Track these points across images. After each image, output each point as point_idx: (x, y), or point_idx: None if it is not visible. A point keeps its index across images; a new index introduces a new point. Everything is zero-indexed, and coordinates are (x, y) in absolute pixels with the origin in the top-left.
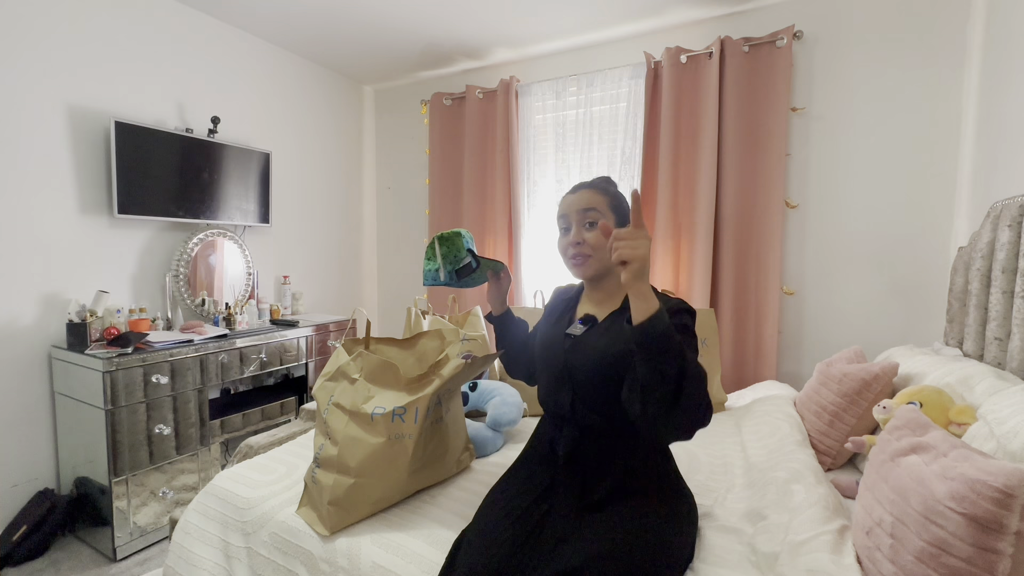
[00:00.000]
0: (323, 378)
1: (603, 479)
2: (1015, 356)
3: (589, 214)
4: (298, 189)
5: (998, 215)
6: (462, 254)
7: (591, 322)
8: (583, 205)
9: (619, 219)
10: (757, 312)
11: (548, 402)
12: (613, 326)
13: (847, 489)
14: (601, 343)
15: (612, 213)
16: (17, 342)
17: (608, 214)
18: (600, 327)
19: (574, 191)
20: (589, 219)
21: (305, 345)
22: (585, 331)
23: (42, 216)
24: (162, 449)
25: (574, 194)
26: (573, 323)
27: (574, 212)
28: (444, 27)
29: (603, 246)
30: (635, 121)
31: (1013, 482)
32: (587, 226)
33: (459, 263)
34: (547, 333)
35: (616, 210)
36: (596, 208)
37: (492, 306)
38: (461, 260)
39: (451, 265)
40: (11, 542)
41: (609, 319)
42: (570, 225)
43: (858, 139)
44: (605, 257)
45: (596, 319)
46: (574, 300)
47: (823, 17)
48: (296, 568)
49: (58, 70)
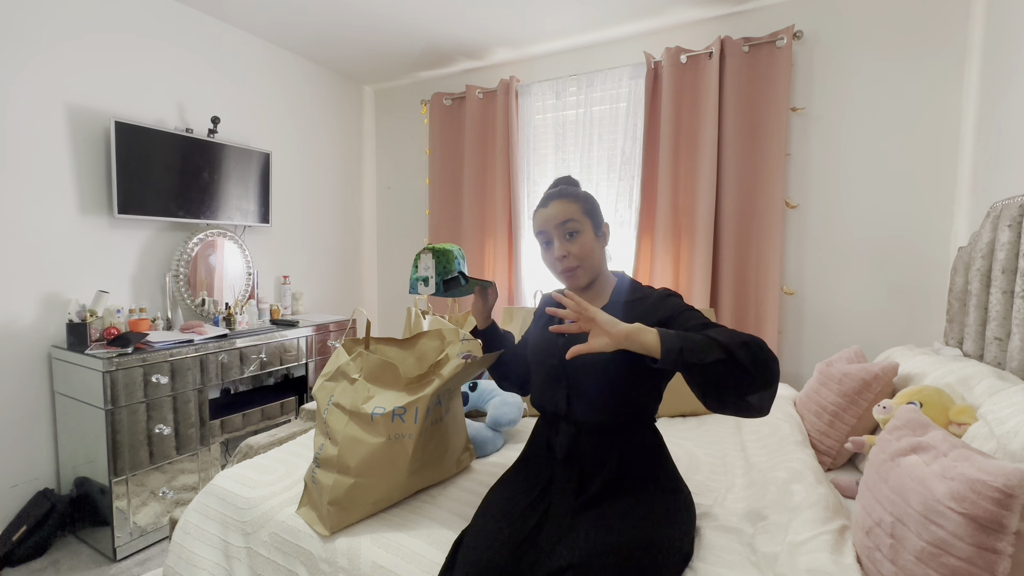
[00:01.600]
0: (323, 378)
1: (600, 473)
2: (1015, 356)
3: (568, 225)
4: (298, 189)
5: (998, 215)
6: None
7: None
8: (560, 218)
9: (593, 222)
10: (757, 312)
11: (544, 401)
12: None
13: (847, 489)
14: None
15: (587, 218)
16: (17, 342)
17: (583, 220)
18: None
19: (545, 204)
20: (569, 230)
21: (305, 345)
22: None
23: (42, 216)
24: (162, 449)
25: (547, 208)
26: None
27: (552, 227)
28: (444, 27)
29: (588, 254)
30: (635, 121)
31: (1013, 482)
32: (568, 237)
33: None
34: (540, 335)
35: (590, 214)
36: (572, 218)
37: (477, 320)
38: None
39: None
40: (11, 542)
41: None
42: (551, 240)
43: (858, 139)
44: (592, 264)
45: None
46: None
47: (823, 17)
48: (296, 568)
49: (58, 70)
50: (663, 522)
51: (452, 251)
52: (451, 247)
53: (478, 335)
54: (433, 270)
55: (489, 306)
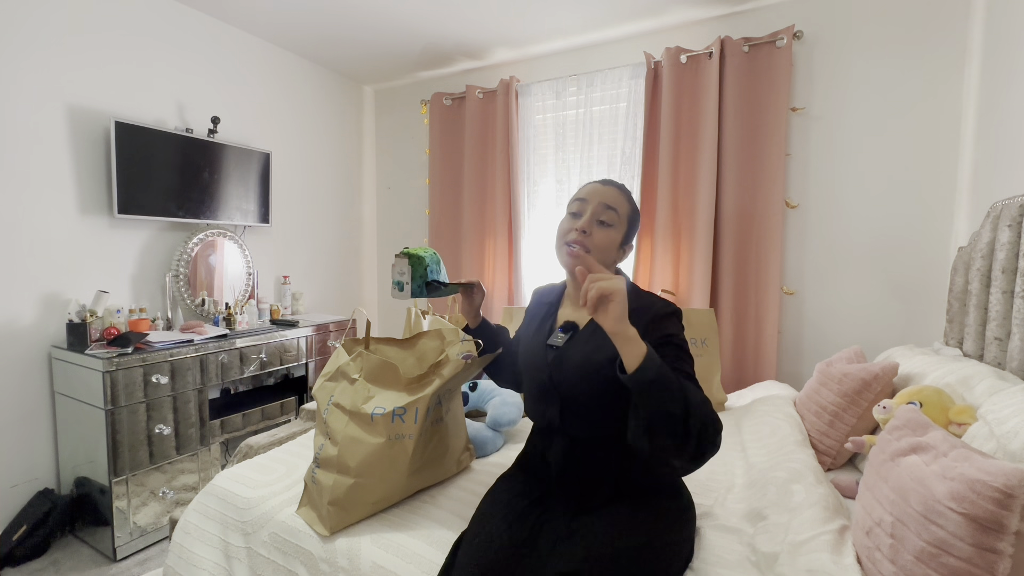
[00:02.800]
0: (323, 378)
1: (599, 488)
2: (1015, 356)
3: (608, 212)
4: (298, 189)
5: (998, 215)
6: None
7: (572, 330)
8: (608, 200)
9: (629, 231)
10: (757, 312)
11: (536, 414)
12: (596, 332)
13: (847, 489)
14: (585, 351)
15: (626, 224)
16: (17, 342)
17: (622, 221)
18: (583, 335)
19: (604, 183)
20: (606, 217)
21: (305, 345)
22: (567, 340)
23: (42, 216)
24: (162, 449)
25: (603, 185)
26: (554, 332)
27: (596, 202)
28: (444, 27)
29: (605, 250)
30: (635, 121)
31: (1013, 482)
32: (599, 224)
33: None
34: (530, 344)
35: (630, 222)
36: (617, 210)
37: (467, 319)
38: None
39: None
40: (11, 542)
41: (591, 324)
42: (583, 212)
43: (858, 139)
44: (602, 261)
45: (577, 326)
46: (555, 305)
47: (823, 17)
48: (296, 568)
49: (58, 70)
50: (665, 527)
51: (425, 258)
52: (425, 253)
53: (471, 333)
54: (409, 275)
55: (476, 305)
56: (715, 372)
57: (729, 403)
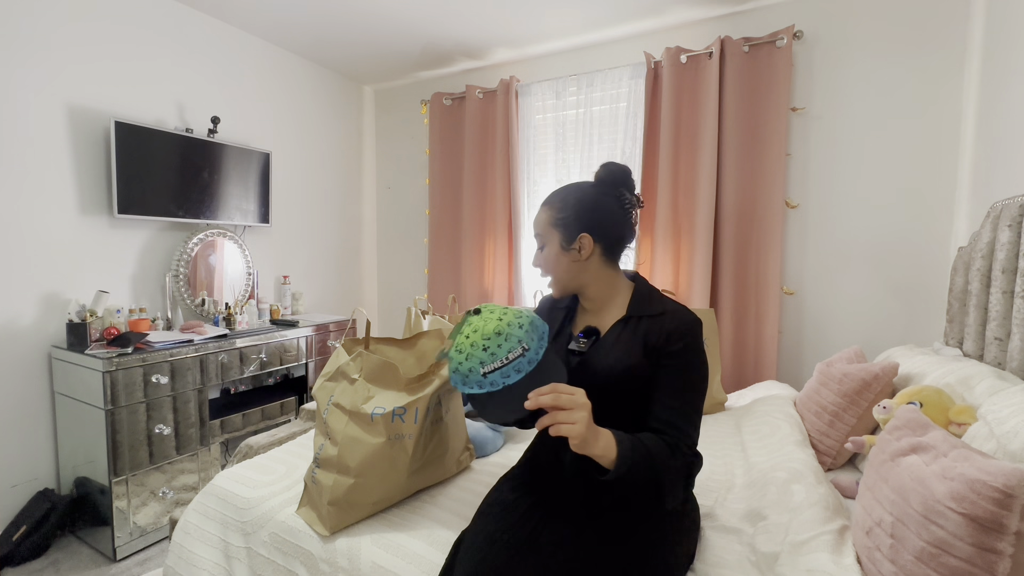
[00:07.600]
0: (323, 378)
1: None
2: (1015, 356)
3: (539, 239)
4: (298, 189)
5: (998, 215)
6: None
7: (594, 335)
8: (535, 229)
9: (564, 233)
10: (757, 312)
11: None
12: (621, 338)
13: (847, 489)
14: (610, 359)
15: (554, 230)
16: (17, 342)
17: (549, 232)
18: (607, 341)
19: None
20: (539, 243)
21: (305, 345)
22: (590, 345)
23: (42, 216)
24: (162, 449)
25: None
26: (573, 338)
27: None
28: (444, 27)
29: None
30: (635, 121)
31: (1013, 482)
32: (540, 252)
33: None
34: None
35: (559, 225)
36: (538, 231)
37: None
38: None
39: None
40: (11, 542)
41: (615, 330)
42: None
43: (858, 139)
44: (562, 278)
45: (599, 332)
46: (570, 310)
47: (823, 17)
48: (296, 568)
49: (58, 70)
50: (669, 531)
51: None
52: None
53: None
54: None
55: None
56: (715, 372)
57: (729, 403)
